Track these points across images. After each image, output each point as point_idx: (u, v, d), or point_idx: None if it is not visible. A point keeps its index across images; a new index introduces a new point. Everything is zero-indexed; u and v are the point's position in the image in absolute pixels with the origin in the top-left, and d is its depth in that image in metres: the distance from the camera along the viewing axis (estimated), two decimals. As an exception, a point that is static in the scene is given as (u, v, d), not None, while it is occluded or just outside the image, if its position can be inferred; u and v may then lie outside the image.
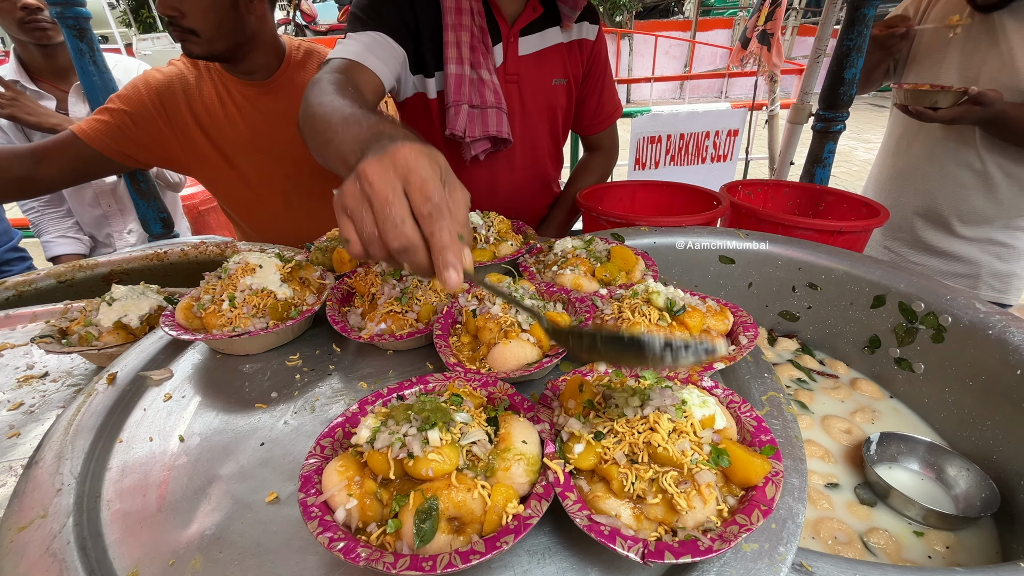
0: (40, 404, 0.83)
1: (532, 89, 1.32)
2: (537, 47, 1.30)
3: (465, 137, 1.23)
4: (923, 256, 1.68)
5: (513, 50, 1.27)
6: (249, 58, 1.31)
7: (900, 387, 1.01)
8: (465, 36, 1.17)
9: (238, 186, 1.44)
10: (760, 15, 3.59)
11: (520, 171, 1.44)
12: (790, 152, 2.36)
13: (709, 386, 0.60)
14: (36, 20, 1.59)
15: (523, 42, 1.29)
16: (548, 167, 1.51)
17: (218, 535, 0.52)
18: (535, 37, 1.30)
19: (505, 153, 1.36)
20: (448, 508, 0.46)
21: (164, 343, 0.83)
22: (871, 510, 0.79)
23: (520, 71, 1.29)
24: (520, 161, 1.42)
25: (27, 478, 0.58)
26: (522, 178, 1.45)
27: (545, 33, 1.30)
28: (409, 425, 0.48)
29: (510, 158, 1.40)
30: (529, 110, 1.35)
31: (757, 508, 0.45)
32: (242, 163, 1.40)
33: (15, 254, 1.74)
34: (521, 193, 1.48)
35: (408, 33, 1.17)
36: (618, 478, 0.47)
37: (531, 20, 1.28)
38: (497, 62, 1.26)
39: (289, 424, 0.67)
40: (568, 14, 1.30)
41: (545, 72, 1.33)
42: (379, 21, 1.12)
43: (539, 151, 1.45)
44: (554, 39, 1.32)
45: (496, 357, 0.69)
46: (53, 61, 1.74)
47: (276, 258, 0.85)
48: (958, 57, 1.47)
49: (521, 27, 1.27)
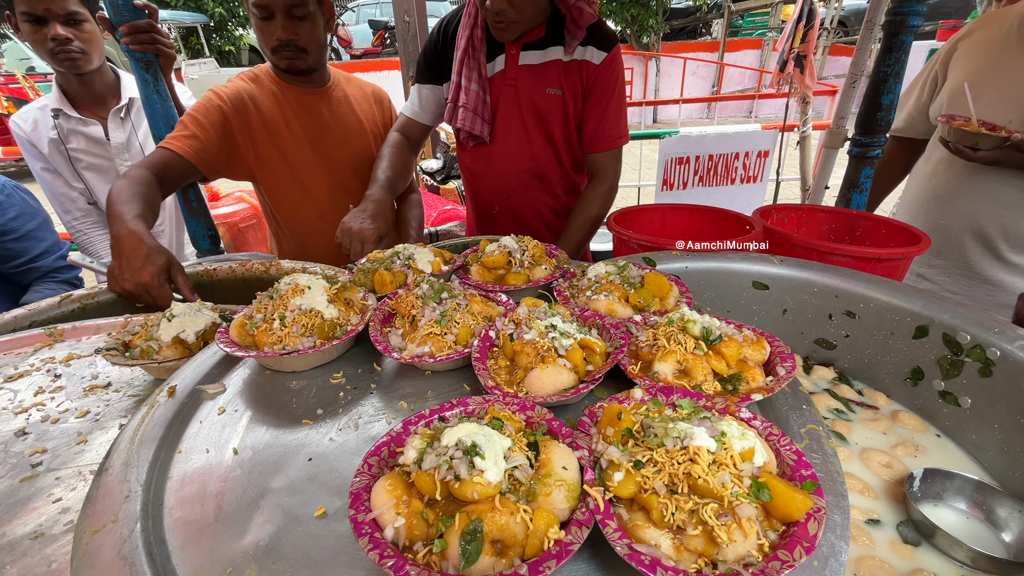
0: (104, 412, 0.89)
1: (527, 94, 1.56)
2: (537, 60, 1.54)
3: (451, 125, 1.62)
4: (962, 285, 1.62)
5: (513, 60, 1.54)
6: (320, 69, 1.64)
7: (945, 421, 0.98)
8: (460, 55, 1.52)
9: (291, 187, 1.67)
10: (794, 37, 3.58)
11: (513, 161, 1.66)
12: (825, 176, 2.33)
13: (747, 417, 0.60)
14: (66, 51, 1.68)
15: (524, 55, 1.54)
16: (546, 167, 1.68)
17: (271, 546, 0.55)
18: (537, 53, 1.53)
19: (498, 145, 1.64)
20: (492, 531, 0.47)
21: (217, 358, 0.88)
22: (915, 550, 0.77)
23: (518, 77, 1.55)
24: (515, 154, 1.65)
25: (98, 484, 0.63)
26: (516, 169, 1.67)
27: (547, 51, 1.53)
28: (456, 448, 0.51)
29: (505, 148, 1.65)
30: (525, 110, 1.58)
31: (799, 544, 0.45)
32: (296, 164, 1.64)
33: (65, 262, 1.85)
34: (515, 180, 1.70)
35: (442, 71, 1.61)
36: (658, 508, 0.48)
37: (533, 40, 1.52)
38: (498, 69, 1.56)
39: (335, 441, 0.70)
40: (569, 41, 1.50)
41: (540, 81, 1.55)
42: (422, 74, 1.65)
43: (533, 148, 1.64)
44: (555, 56, 1.53)
45: (533, 381, 0.71)
46: (90, 88, 1.83)
47: (323, 280, 0.89)
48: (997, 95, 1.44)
49: (523, 43, 1.53)
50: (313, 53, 1.54)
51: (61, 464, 0.78)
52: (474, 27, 1.51)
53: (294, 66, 1.54)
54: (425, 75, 1.64)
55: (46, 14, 1.63)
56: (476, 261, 1.10)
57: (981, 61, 1.49)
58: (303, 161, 1.64)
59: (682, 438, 0.51)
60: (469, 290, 0.94)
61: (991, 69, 1.46)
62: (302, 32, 1.48)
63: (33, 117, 1.85)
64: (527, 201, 1.74)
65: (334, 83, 1.70)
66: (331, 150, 1.67)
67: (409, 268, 1.04)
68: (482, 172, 1.74)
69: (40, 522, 0.68)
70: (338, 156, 1.68)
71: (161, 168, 1.40)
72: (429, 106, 1.66)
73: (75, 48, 1.70)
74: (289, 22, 1.46)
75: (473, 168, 1.76)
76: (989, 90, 1.45)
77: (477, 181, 1.78)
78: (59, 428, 0.85)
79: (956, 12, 11.12)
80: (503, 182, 1.71)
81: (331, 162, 1.68)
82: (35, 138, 1.84)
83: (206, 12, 13.50)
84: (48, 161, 1.86)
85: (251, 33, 15.16)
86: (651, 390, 0.66)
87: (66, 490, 0.73)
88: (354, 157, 1.72)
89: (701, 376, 0.70)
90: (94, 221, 1.98)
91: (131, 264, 1.12)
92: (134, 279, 1.11)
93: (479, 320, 0.86)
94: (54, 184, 1.90)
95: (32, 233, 1.71)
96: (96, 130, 1.86)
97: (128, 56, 1.56)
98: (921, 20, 1.51)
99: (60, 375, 0.99)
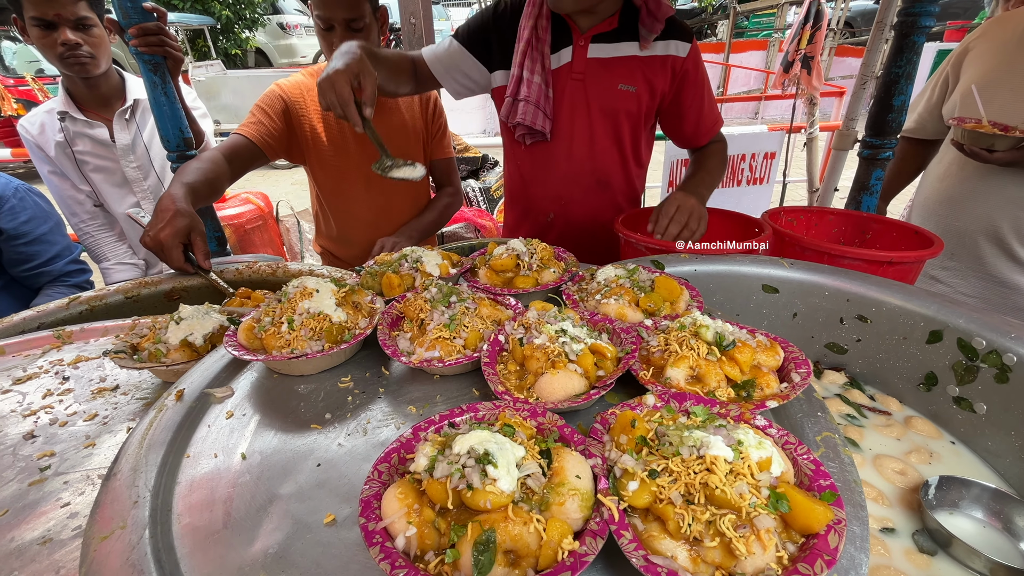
0: (112, 416, 0.88)
1: (596, 89, 1.46)
2: (608, 54, 1.44)
3: (507, 121, 1.51)
4: (976, 288, 1.60)
5: (581, 53, 1.43)
6: None
7: (960, 428, 0.96)
8: (522, 45, 1.42)
9: (334, 171, 1.82)
10: (801, 38, 3.56)
11: (575, 163, 1.56)
12: (835, 178, 2.31)
13: (763, 425, 0.59)
14: (76, 55, 1.70)
15: (594, 47, 1.43)
16: (609, 168, 1.58)
17: (280, 554, 0.55)
18: (608, 46, 1.44)
19: (560, 143, 1.53)
20: (505, 541, 0.47)
21: (225, 362, 0.87)
22: (931, 559, 0.75)
23: (586, 72, 1.45)
24: (576, 154, 1.55)
25: (106, 489, 0.62)
26: (576, 170, 1.57)
27: (619, 45, 1.44)
28: (468, 456, 0.50)
29: (567, 148, 1.54)
30: (592, 107, 1.48)
31: (820, 558, 0.44)
32: (339, 152, 1.77)
33: (76, 266, 1.86)
34: (576, 184, 1.59)
35: (483, 44, 1.50)
36: (674, 519, 0.47)
37: (604, 31, 1.43)
38: (564, 61, 1.45)
39: (343, 446, 0.70)
40: (645, 35, 1.41)
41: (611, 76, 1.45)
42: (461, 36, 1.51)
43: (597, 148, 1.54)
44: (629, 51, 1.44)
45: (543, 387, 0.70)
46: (96, 91, 1.85)
47: (332, 283, 0.89)
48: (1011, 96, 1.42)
49: (593, 34, 1.43)
50: None
51: (69, 468, 0.78)
52: (538, 17, 1.42)
53: None
54: (471, 41, 1.50)
55: (56, 19, 1.64)
56: (484, 264, 1.09)
57: (994, 62, 1.47)
58: (345, 150, 1.77)
59: (698, 447, 0.50)
60: (478, 293, 0.93)
61: (1004, 70, 1.45)
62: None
63: (40, 120, 1.86)
64: (586, 209, 1.63)
65: None
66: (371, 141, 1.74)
67: (417, 271, 1.04)
68: (538, 174, 1.62)
69: (48, 527, 0.68)
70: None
71: (231, 151, 1.57)
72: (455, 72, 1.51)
73: (84, 53, 1.71)
74: (348, 34, 1.59)
75: (527, 169, 1.64)
76: (1003, 91, 1.43)
77: (530, 184, 1.65)
78: (67, 431, 0.85)
79: (964, 13, 11.05)
80: (562, 186, 1.60)
81: (371, 152, 1.74)
82: (42, 141, 1.85)
83: (213, 15, 13.58)
84: (55, 164, 1.87)
85: (257, 35, 15.24)
86: (664, 396, 0.65)
87: (74, 494, 0.73)
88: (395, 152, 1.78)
89: (714, 382, 0.69)
90: (101, 223, 1.99)
91: (156, 223, 1.24)
92: (154, 237, 1.23)
93: (488, 324, 0.86)
94: (61, 187, 1.91)
95: (44, 237, 1.71)
96: (102, 132, 1.87)
97: (136, 58, 1.56)
98: (933, 21, 1.49)
99: (68, 377, 0.99)
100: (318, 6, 1.57)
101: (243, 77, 9.42)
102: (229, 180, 1.56)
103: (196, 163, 1.45)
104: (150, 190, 1.99)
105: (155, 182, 2.00)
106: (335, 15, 1.56)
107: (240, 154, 1.60)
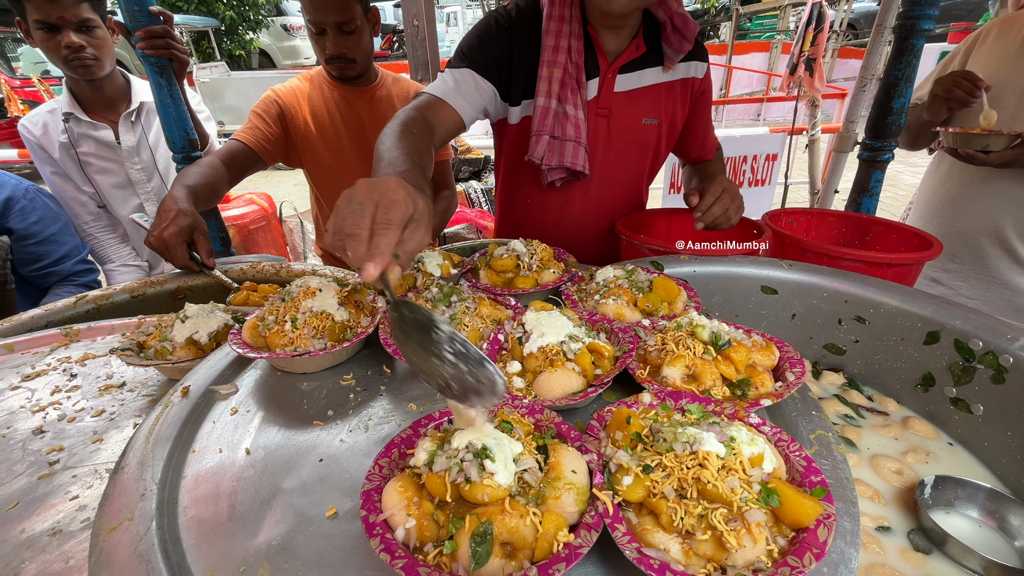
0: (119, 412, 0.90)
1: (620, 125, 1.36)
2: (633, 85, 1.34)
3: (542, 164, 1.31)
4: (978, 290, 1.61)
5: (608, 86, 1.32)
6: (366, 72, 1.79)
7: (957, 428, 0.97)
8: (557, 72, 1.25)
9: (330, 175, 1.85)
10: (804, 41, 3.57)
11: (593, 204, 1.47)
12: (835, 180, 2.32)
13: (756, 423, 0.60)
14: (80, 58, 1.71)
15: (620, 79, 1.32)
16: (619, 207, 1.51)
17: (283, 546, 0.56)
18: (633, 75, 1.33)
19: (581, 184, 1.42)
20: (502, 533, 0.48)
21: (230, 359, 0.89)
22: (926, 558, 0.76)
23: (612, 106, 1.34)
24: (595, 194, 1.46)
25: (114, 482, 0.64)
26: (594, 211, 1.49)
27: (643, 73, 1.34)
28: (466, 450, 0.51)
29: (586, 189, 1.44)
30: (614, 145, 1.39)
31: (809, 551, 0.45)
32: (335, 155, 1.80)
33: (84, 265, 1.88)
34: (589, 225, 1.51)
35: (498, 70, 1.29)
36: (667, 512, 0.48)
37: (632, 58, 1.31)
38: (590, 95, 1.32)
39: (345, 442, 0.71)
40: (671, 56, 1.32)
41: (637, 110, 1.36)
42: (472, 61, 1.27)
43: (616, 187, 1.47)
44: (652, 79, 1.35)
45: (542, 385, 0.71)
46: (101, 93, 1.86)
47: (334, 283, 0.90)
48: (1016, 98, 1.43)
49: (621, 64, 1.31)
50: (361, 62, 1.70)
51: (78, 462, 0.79)
52: (571, 36, 1.24)
53: (345, 75, 1.72)
54: (477, 63, 1.26)
55: (60, 22, 1.65)
56: (485, 265, 1.10)
57: (999, 64, 1.47)
58: (341, 152, 1.80)
59: (691, 443, 0.51)
60: (478, 293, 0.95)
61: (1009, 73, 1.45)
62: (351, 45, 1.64)
63: (43, 121, 1.87)
64: (597, 250, 1.55)
65: (379, 82, 1.83)
66: (367, 143, 1.80)
67: (418, 271, 1.05)
68: (552, 216, 1.49)
69: (58, 519, 0.69)
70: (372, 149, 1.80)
71: (228, 156, 1.61)
72: (472, 99, 1.25)
73: (88, 55, 1.73)
74: (340, 37, 1.61)
75: (547, 214, 1.49)
76: (1008, 92, 1.44)
77: (550, 229, 1.50)
78: (75, 427, 0.87)
79: (968, 14, 11.01)
80: (575, 228, 1.49)
81: (366, 154, 1.81)
82: (45, 142, 1.86)
83: (217, 16, 13.66)
84: (58, 165, 1.88)
85: (260, 37, 15.32)
86: (660, 395, 0.66)
87: (83, 488, 0.74)
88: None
89: (710, 381, 0.70)
90: (104, 225, 2.00)
91: (160, 223, 1.27)
92: (158, 236, 1.26)
93: (488, 324, 0.87)
94: (64, 188, 1.92)
95: (53, 237, 1.73)
96: (107, 134, 1.89)
97: (142, 61, 1.58)
98: (932, 24, 1.50)
99: (76, 374, 1.01)
100: (309, 11, 1.57)
101: (247, 78, 9.49)
102: (228, 184, 1.59)
103: (196, 167, 1.49)
104: (154, 192, 2.01)
105: (159, 184, 2.02)
106: (326, 19, 1.56)
107: (237, 159, 1.64)
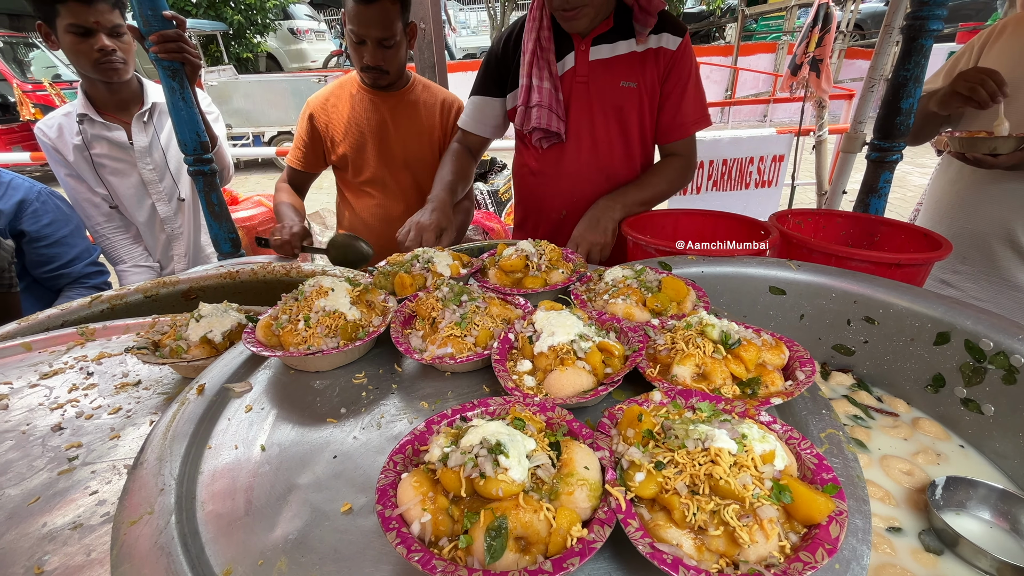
0: (135, 409, 0.92)
1: (600, 89, 1.55)
2: (607, 54, 1.53)
3: (523, 129, 1.63)
4: (988, 291, 1.59)
5: (583, 57, 1.53)
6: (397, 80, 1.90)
7: (967, 429, 0.96)
8: (527, 56, 1.53)
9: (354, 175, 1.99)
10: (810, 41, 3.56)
11: (585, 161, 1.64)
12: (843, 181, 2.31)
13: (767, 421, 0.61)
14: (111, 61, 1.77)
15: (594, 50, 1.53)
16: (615, 164, 1.65)
17: (300, 540, 0.57)
18: (606, 47, 1.53)
19: (571, 144, 1.62)
20: (516, 528, 0.49)
21: (244, 358, 0.90)
22: (937, 559, 0.76)
23: (589, 74, 1.54)
24: (585, 154, 1.64)
25: (134, 477, 0.65)
26: (585, 170, 1.66)
27: (617, 44, 1.52)
28: (481, 446, 0.52)
29: (576, 149, 1.63)
30: (596, 107, 1.57)
31: (821, 547, 0.45)
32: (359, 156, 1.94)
33: (95, 268, 1.91)
34: (587, 181, 1.67)
35: (502, 83, 1.65)
36: (679, 508, 0.49)
37: (602, 32, 1.52)
38: (568, 67, 1.55)
39: (358, 439, 0.72)
40: (640, 30, 1.49)
41: (612, 75, 1.53)
42: (479, 86, 1.70)
43: (603, 145, 1.62)
44: (626, 49, 1.52)
45: (553, 383, 0.72)
46: (117, 95, 1.90)
47: (346, 282, 0.92)
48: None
49: (593, 37, 1.52)
50: (394, 73, 1.81)
51: (96, 458, 0.81)
52: (540, 29, 1.53)
53: (377, 83, 1.84)
54: (485, 87, 1.68)
55: (95, 26, 1.70)
56: (494, 265, 1.11)
57: (1014, 62, 1.46)
58: (365, 154, 1.93)
59: (703, 440, 0.51)
60: (488, 293, 0.96)
61: (1021, 75, 1.44)
62: (388, 58, 1.74)
63: (58, 123, 1.90)
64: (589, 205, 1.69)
65: (409, 88, 1.92)
66: (390, 147, 1.92)
67: (428, 271, 1.06)
68: (551, 174, 1.71)
69: (78, 513, 0.71)
70: (395, 153, 1.93)
71: (290, 178, 2.01)
72: (487, 119, 1.71)
73: (119, 58, 1.78)
74: (378, 50, 1.70)
75: (541, 170, 1.73)
76: (1022, 91, 1.43)
77: (544, 184, 1.75)
78: (93, 424, 0.88)
79: (976, 14, 10.93)
80: (575, 184, 1.68)
81: (388, 157, 1.93)
82: (60, 145, 1.90)
83: (225, 20, 13.79)
84: (72, 167, 1.91)
85: (268, 41, 15.44)
86: (670, 393, 0.66)
87: (102, 483, 0.76)
88: (409, 156, 1.95)
89: (720, 380, 0.70)
90: (116, 226, 2.03)
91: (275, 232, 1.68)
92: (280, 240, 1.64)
93: (498, 323, 0.88)
94: (77, 190, 1.95)
95: (64, 239, 1.76)
96: (120, 135, 1.92)
97: (155, 64, 1.61)
98: (941, 24, 1.49)
99: (92, 373, 1.02)
100: (353, 22, 1.62)
101: (254, 82, 9.57)
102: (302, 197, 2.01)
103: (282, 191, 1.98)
104: (165, 192, 2.04)
105: (170, 184, 2.05)
106: (369, 33, 1.64)
107: (296, 180, 2.01)
